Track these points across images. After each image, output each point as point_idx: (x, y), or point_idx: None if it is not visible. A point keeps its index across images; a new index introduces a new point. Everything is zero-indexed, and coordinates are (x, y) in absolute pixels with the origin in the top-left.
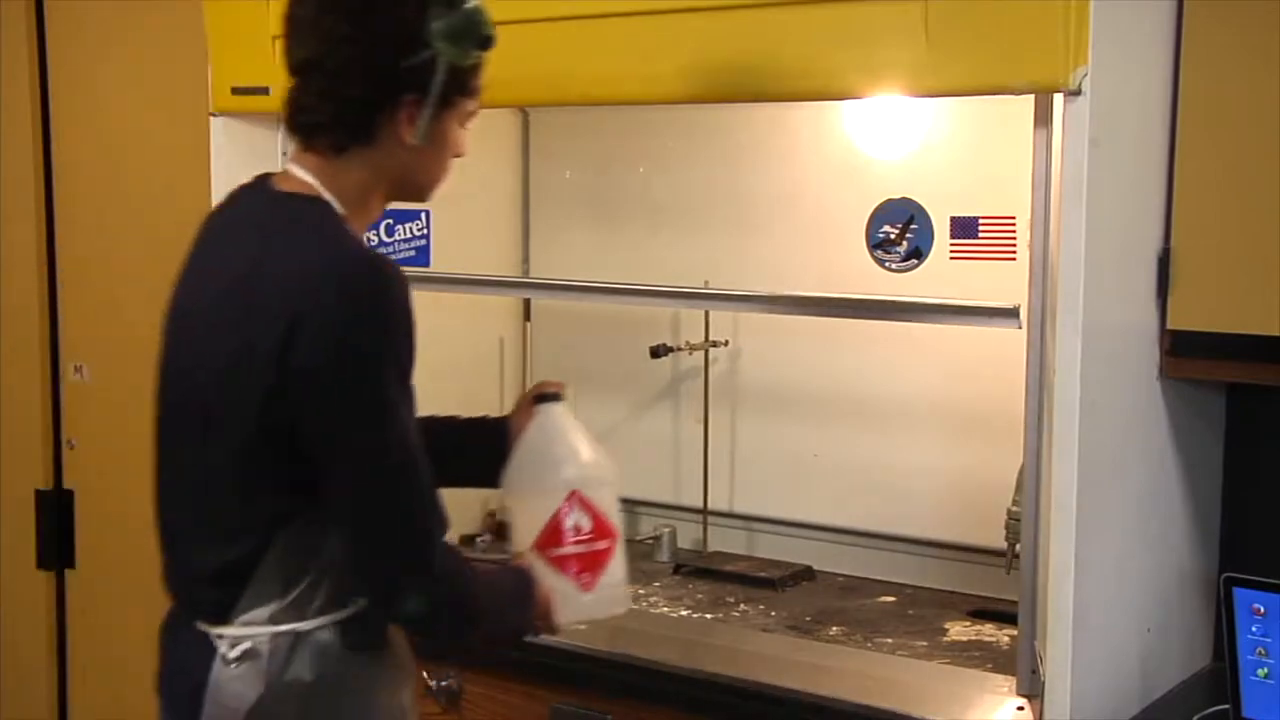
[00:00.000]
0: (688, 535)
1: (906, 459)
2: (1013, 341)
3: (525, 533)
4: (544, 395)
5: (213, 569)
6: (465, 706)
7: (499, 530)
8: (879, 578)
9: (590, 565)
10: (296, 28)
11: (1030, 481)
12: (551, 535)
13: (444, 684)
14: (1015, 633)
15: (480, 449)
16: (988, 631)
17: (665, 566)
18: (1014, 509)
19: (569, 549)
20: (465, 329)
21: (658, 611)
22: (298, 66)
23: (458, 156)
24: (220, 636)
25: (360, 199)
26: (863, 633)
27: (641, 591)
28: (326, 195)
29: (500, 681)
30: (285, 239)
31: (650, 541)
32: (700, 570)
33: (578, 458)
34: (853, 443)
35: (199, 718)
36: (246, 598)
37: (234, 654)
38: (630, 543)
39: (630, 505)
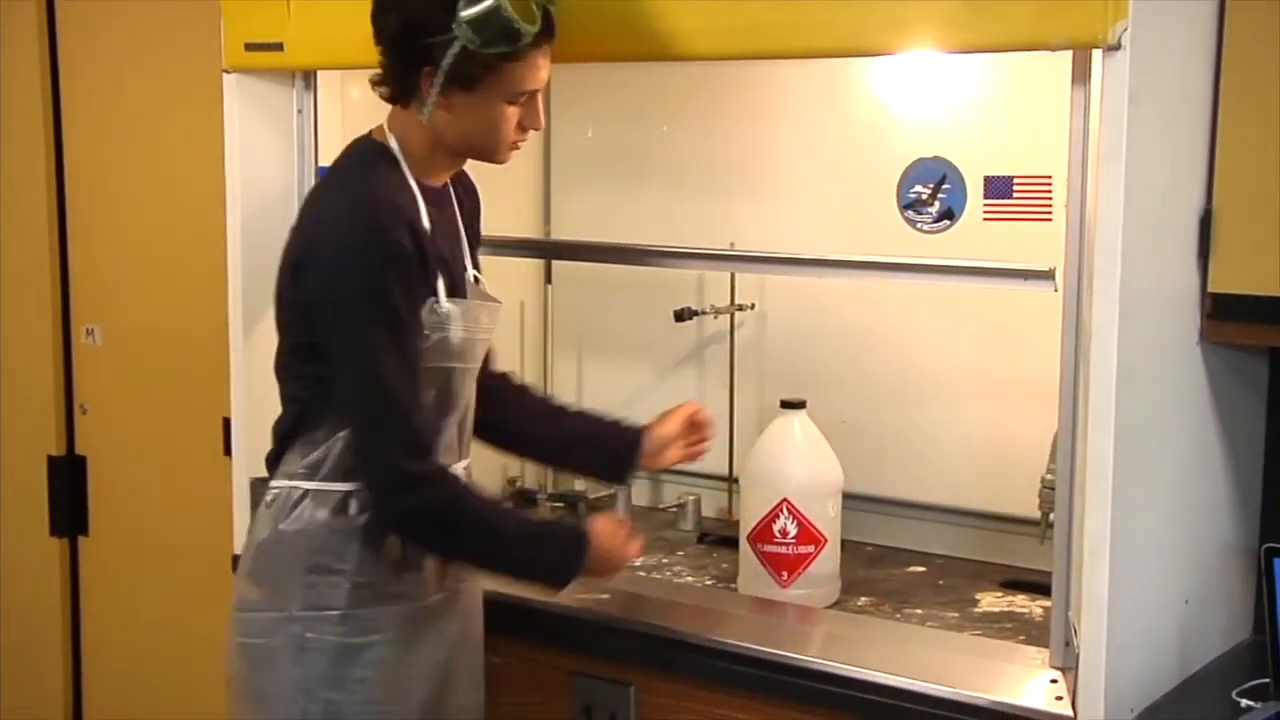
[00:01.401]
0: (712, 503)
1: (938, 425)
2: (1048, 305)
3: (745, 522)
4: (789, 403)
5: (272, 432)
6: (487, 677)
7: (519, 499)
8: (909, 547)
9: (792, 566)
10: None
11: (1065, 449)
12: (762, 533)
13: None
14: (1049, 604)
15: (602, 452)
16: (1020, 603)
17: (689, 535)
18: (1048, 477)
19: (775, 548)
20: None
21: (681, 581)
22: (373, 28)
23: (534, 129)
24: (265, 485)
25: (422, 151)
26: (892, 603)
27: (664, 561)
28: (391, 140)
29: (520, 650)
30: (324, 185)
31: (674, 510)
32: (725, 539)
33: (794, 471)
34: (882, 408)
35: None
36: (285, 459)
37: (265, 499)
38: (652, 511)
39: (653, 473)
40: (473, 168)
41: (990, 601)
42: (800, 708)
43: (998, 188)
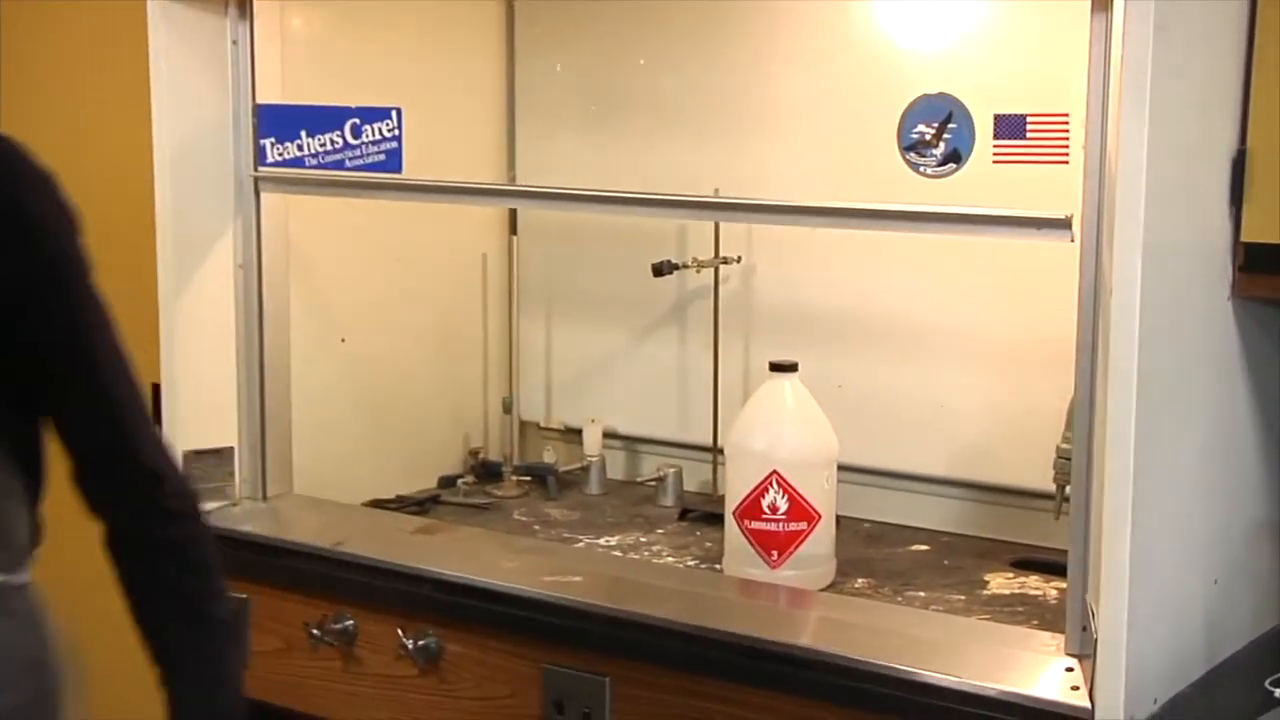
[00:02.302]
0: (695, 476)
1: (942, 390)
2: (1064, 257)
3: (731, 497)
4: (779, 365)
5: None
6: (445, 668)
7: (482, 471)
8: (910, 524)
9: (782, 545)
10: None
11: (1082, 415)
12: (750, 508)
13: (421, 643)
14: (1064, 585)
15: None
16: (1033, 584)
17: (670, 511)
18: (1064, 446)
19: (763, 525)
20: (443, 244)
21: (661, 562)
22: None
23: None
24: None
25: None
26: (892, 585)
27: (643, 540)
28: None
29: (485, 640)
30: None
31: (653, 483)
32: (709, 515)
33: (785, 440)
34: (881, 372)
35: None
36: None
37: None
38: (629, 484)
39: (630, 443)
40: (428, 106)
41: (1000, 583)
42: (792, 699)
43: (1009, 127)
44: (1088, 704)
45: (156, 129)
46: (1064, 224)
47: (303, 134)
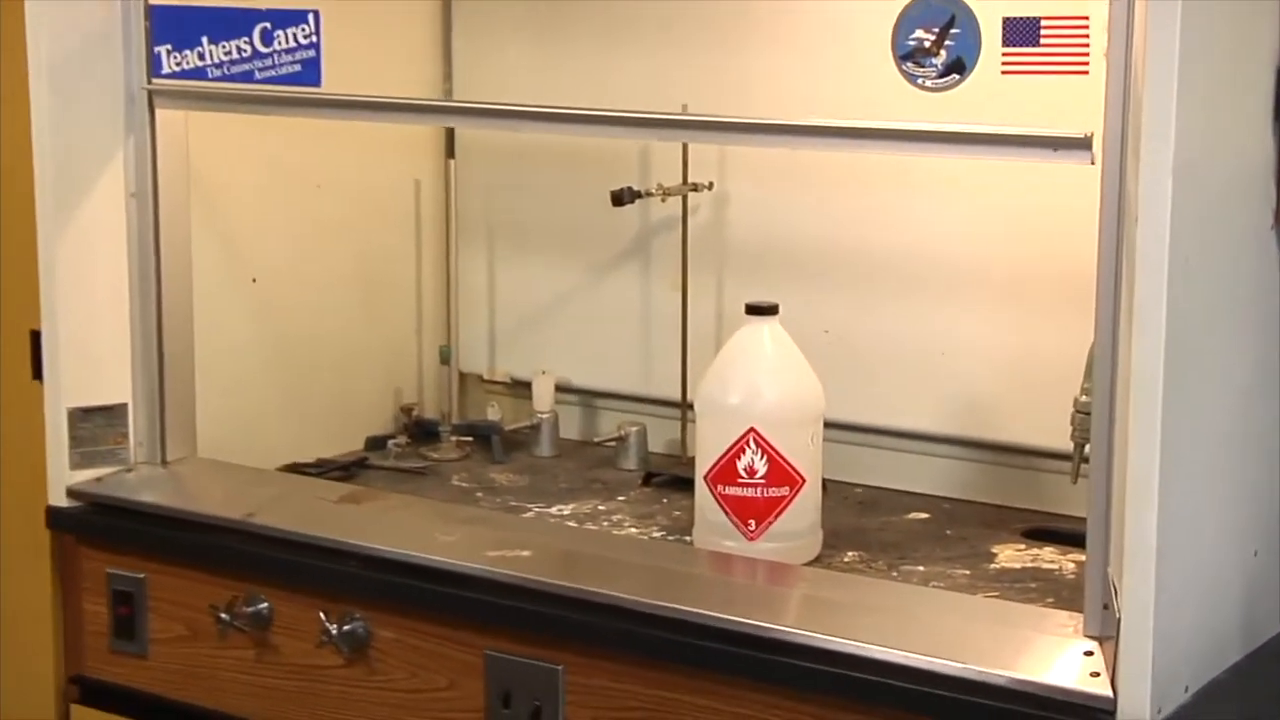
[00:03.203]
0: (661, 435)
1: (943, 336)
2: (1083, 182)
3: (702, 458)
4: (757, 308)
5: None
6: (374, 656)
7: (416, 430)
8: (907, 488)
9: (761, 513)
10: None
11: (1103, 363)
12: (724, 471)
13: (346, 628)
14: (1082, 558)
15: None
16: (1047, 556)
17: (632, 476)
18: (1083, 399)
19: (739, 491)
20: (369, 169)
21: (622, 533)
22: None
23: None
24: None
25: None
26: (886, 559)
27: (601, 508)
28: None
29: (420, 624)
30: None
31: (613, 443)
32: (677, 480)
33: (764, 393)
34: (874, 315)
35: None
36: None
37: None
38: (586, 445)
39: (587, 398)
40: (351, 9)
41: (1010, 555)
42: (772, 689)
43: (1020, 32)
44: (1109, 692)
45: (31, 35)
46: (1083, 143)
47: (204, 40)
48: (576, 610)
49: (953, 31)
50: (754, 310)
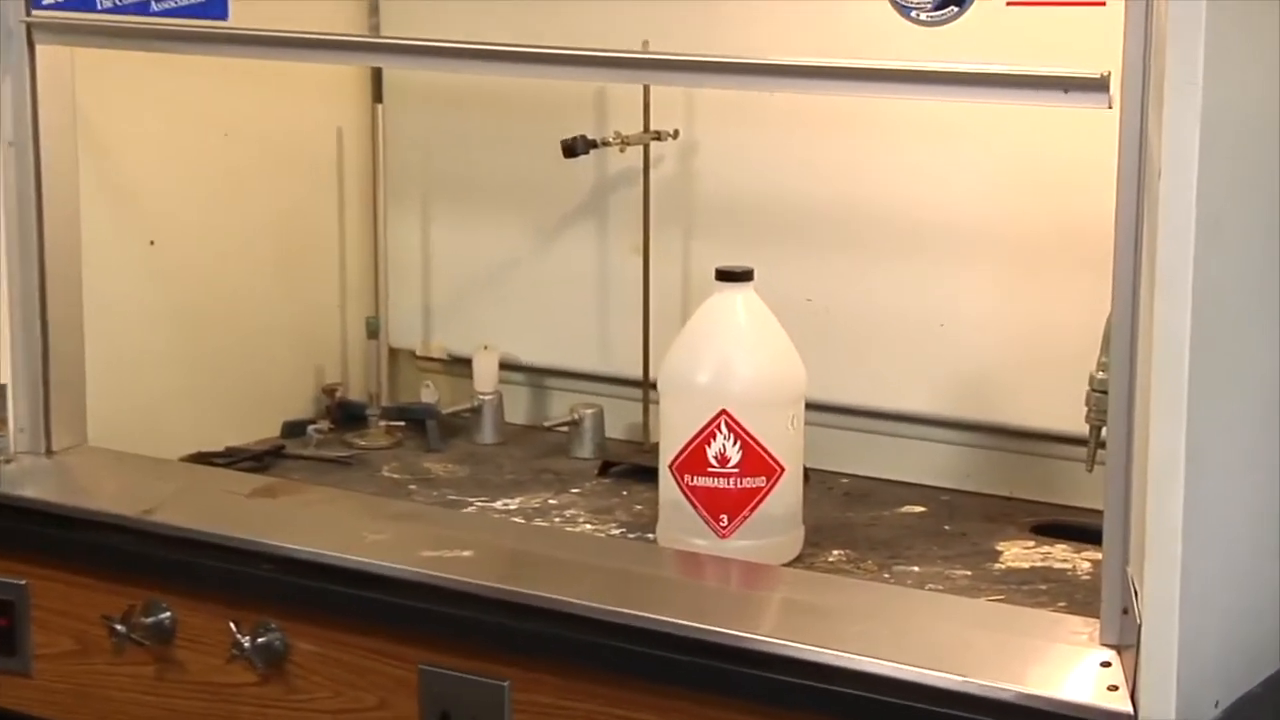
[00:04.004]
0: (620, 419)
1: (941, 305)
2: (1100, 128)
3: (667, 445)
4: (729, 273)
5: None
6: (292, 672)
7: (340, 414)
8: (901, 478)
9: (734, 507)
10: None
11: (1123, 337)
12: (692, 460)
13: (260, 640)
14: (1099, 556)
15: None
16: (1059, 554)
17: (588, 465)
18: (1099, 376)
19: (710, 481)
20: (285, 116)
21: (577, 530)
22: None
23: None
24: None
25: None
26: (877, 558)
27: (552, 502)
28: None
29: (345, 634)
30: None
31: (565, 429)
32: (639, 470)
33: (737, 371)
34: (862, 281)
35: None
36: None
37: None
38: (534, 430)
39: (535, 376)
40: None
41: (1017, 554)
42: (748, 708)
43: None
44: (1129, 708)
45: None
46: (1099, 84)
47: None
48: (524, 618)
49: None
50: (726, 276)
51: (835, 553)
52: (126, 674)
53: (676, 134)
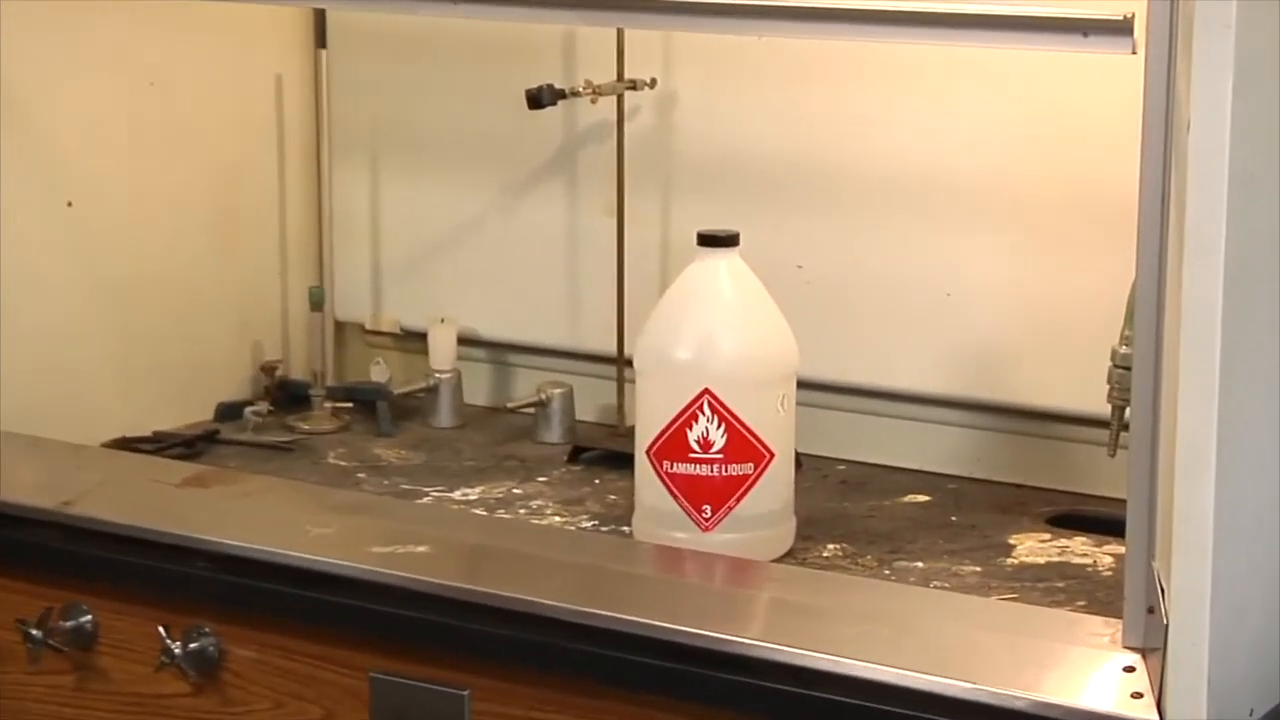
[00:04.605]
0: (592, 400)
1: (947, 273)
2: (1124, 76)
3: (644, 428)
4: (712, 238)
5: None
6: (228, 681)
7: (281, 395)
8: (903, 464)
9: (718, 496)
10: None
11: (1148, 307)
12: (671, 444)
13: (193, 646)
14: (1121, 550)
15: None
16: (1078, 548)
17: (556, 451)
18: (1123, 351)
19: (691, 469)
20: (218, 62)
21: (543, 523)
22: None
23: None
24: None
25: None
26: (877, 552)
27: (517, 491)
28: None
29: (287, 639)
30: None
31: (531, 410)
32: (612, 456)
33: (720, 346)
34: (859, 247)
35: None
36: None
37: None
38: (497, 412)
39: (498, 352)
40: None
41: (1031, 547)
42: (734, 718)
43: None
44: (1154, 717)
45: None
46: (1121, 28)
47: None
48: (486, 621)
49: None
50: (709, 240)
51: (830, 547)
52: (43, 684)
53: (653, 83)
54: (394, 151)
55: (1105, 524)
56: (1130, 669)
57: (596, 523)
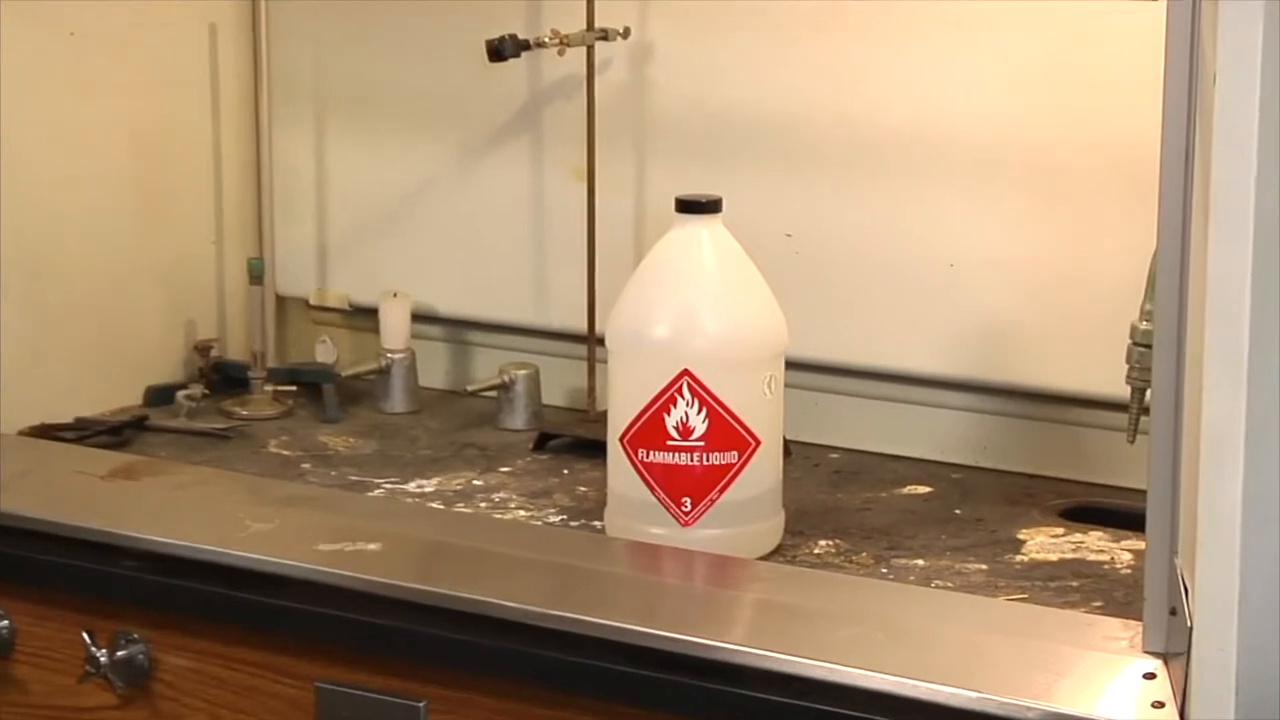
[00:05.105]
0: (560, 382)
1: (951, 242)
2: (1143, 25)
3: (617, 413)
4: (692, 203)
5: None
6: (159, 692)
7: (214, 375)
8: (902, 452)
9: (699, 488)
10: None
11: (1170, 278)
12: (647, 431)
13: (120, 654)
14: (1140, 545)
15: None
16: (1093, 543)
17: (520, 438)
18: (1143, 327)
19: (669, 457)
20: (147, 9)
21: (507, 518)
22: None
23: None
24: None
25: None
26: (873, 549)
27: (477, 483)
28: None
29: (224, 646)
30: None
31: (493, 395)
32: (582, 444)
33: (701, 323)
34: (854, 213)
35: None
36: None
37: None
38: (455, 396)
39: (457, 330)
40: None
41: (1043, 543)
42: None
43: None
44: None
45: None
46: None
47: None
48: (444, 625)
49: None
50: (688, 206)
51: (822, 543)
52: None
53: (627, 33)
54: (341, 109)
55: (1123, 517)
56: (1151, 676)
57: (565, 517)
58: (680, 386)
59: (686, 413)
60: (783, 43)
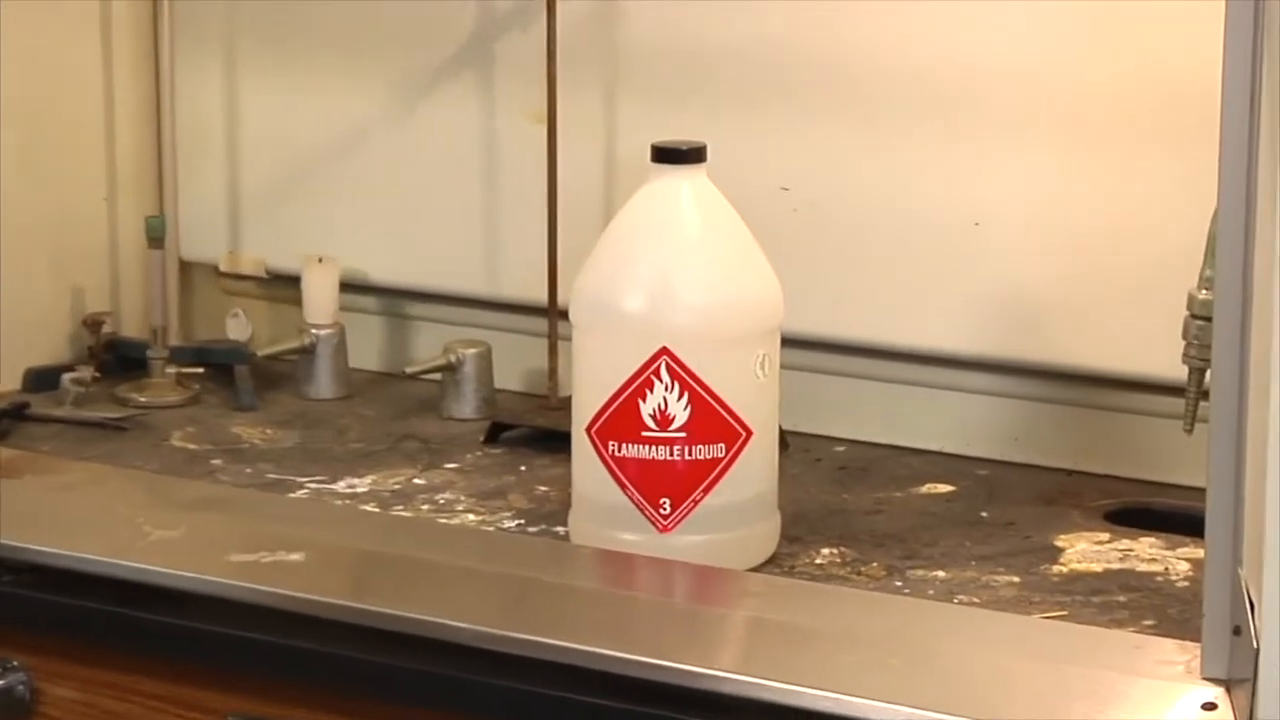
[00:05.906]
0: (516, 363)
1: (974, 199)
2: None
3: (584, 398)
4: (671, 151)
5: None
6: None
7: (107, 355)
8: (918, 445)
9: (680, 487)
10: None
11: (1232, 242)
12: (618, 420)
13: None
14: (1198, 554)
15: None
16: (1143, 551)
17: (470, 429)
18: (1201, 296)
19: (645, 451)
20: None
21: (454, 522)
22: None
23: None
24: None
25: None
26: (885, 558)
27: (421, 481)
28: None
29: (118, 675)
30: None
31: (437, 376)
32: (542, 436)
33: (682, 293)
34: (862, 165)
35: None
36: None
37: None
38: (393, 379)
39: (394, 302)
40: None
41: (1084, 551)
42: None
43: None
44: None
45: None
46: None
47: None
48: (378, 649)
49: None
50: (666, 155)
51: (825, 552)
52: None
53: None
54: (255, 46)
55: (1179, 520)
56: (1211, 706)
57: (522, 521)
58: (657, 368)
59: (665, 398)
60: None
